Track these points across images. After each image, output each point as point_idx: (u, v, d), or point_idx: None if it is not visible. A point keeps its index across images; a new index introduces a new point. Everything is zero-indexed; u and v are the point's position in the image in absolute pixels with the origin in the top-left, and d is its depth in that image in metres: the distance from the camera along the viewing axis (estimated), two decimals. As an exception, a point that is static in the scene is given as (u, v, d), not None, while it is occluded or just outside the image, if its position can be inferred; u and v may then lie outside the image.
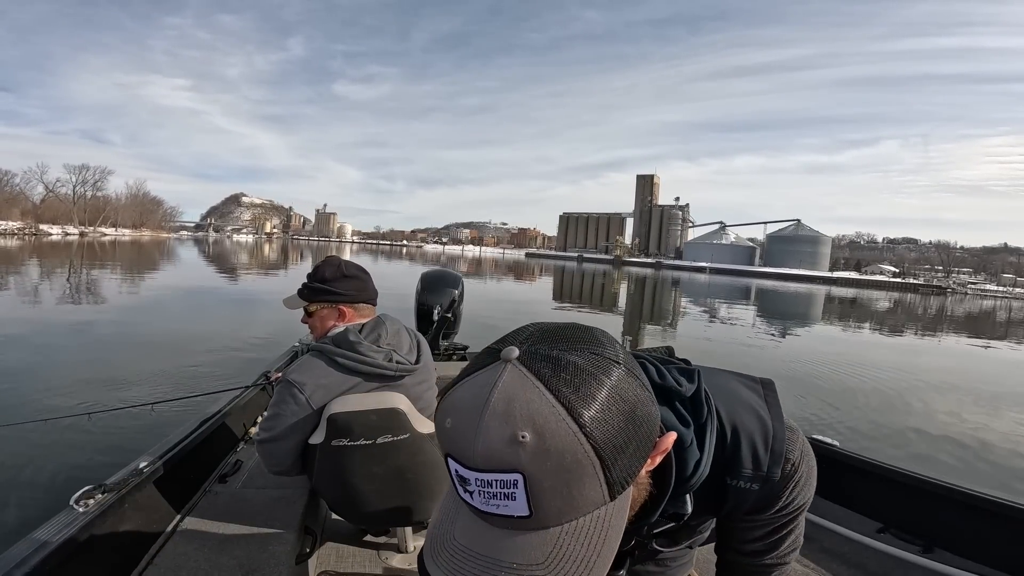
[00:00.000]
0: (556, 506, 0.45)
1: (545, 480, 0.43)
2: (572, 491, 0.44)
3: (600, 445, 0.44)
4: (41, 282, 16.37)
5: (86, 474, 3.40)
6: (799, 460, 0.73)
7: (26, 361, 6.44)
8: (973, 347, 16.47)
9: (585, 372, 0.46)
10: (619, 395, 0.46)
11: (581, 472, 0.44)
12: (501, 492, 0.44)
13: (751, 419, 0.72)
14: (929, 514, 1.92)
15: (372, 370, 1.57)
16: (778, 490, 0.72)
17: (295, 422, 1.54)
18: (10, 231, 68.79)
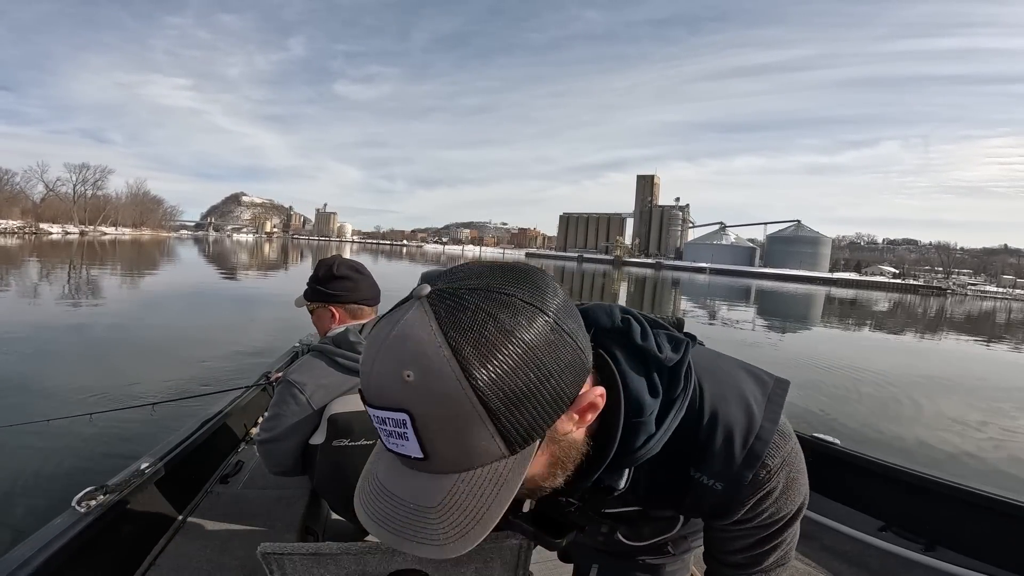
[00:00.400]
0: (448, 453, 0.44)
1: (432, 423, 0.43)
2: (462, 439, 0.43)
3: (486, 395, 0.42)
4: (41, 281, 16.36)
5: (88, 475, 3.41)
6: (777, 469, 0.63)
7: (26, 361, 6.43)
8: (973, 348, 16.48)
9: (486, 315, 0.43)
10: (523, 343, 0.43)
11: (468, 420, 0.42)
12: (394, 431, 0.45)
13: (738, 411, 0.63)
14: (931, 512, 1.92)
15: None
16: (743, 496, 0.63)
17: (296, 422, 1.54)
18: (10, 230, 68.78)
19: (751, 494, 0.63)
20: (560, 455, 0.53)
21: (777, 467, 0.63)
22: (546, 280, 0.49)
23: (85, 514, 1.46)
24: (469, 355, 0.41)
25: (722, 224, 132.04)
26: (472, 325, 0.42)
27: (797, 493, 0.66)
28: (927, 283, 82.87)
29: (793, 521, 0.68)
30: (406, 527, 0.47)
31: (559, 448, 0.52)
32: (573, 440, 0.53)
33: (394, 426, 0.45)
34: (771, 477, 0.63)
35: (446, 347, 0.42)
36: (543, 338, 0.44)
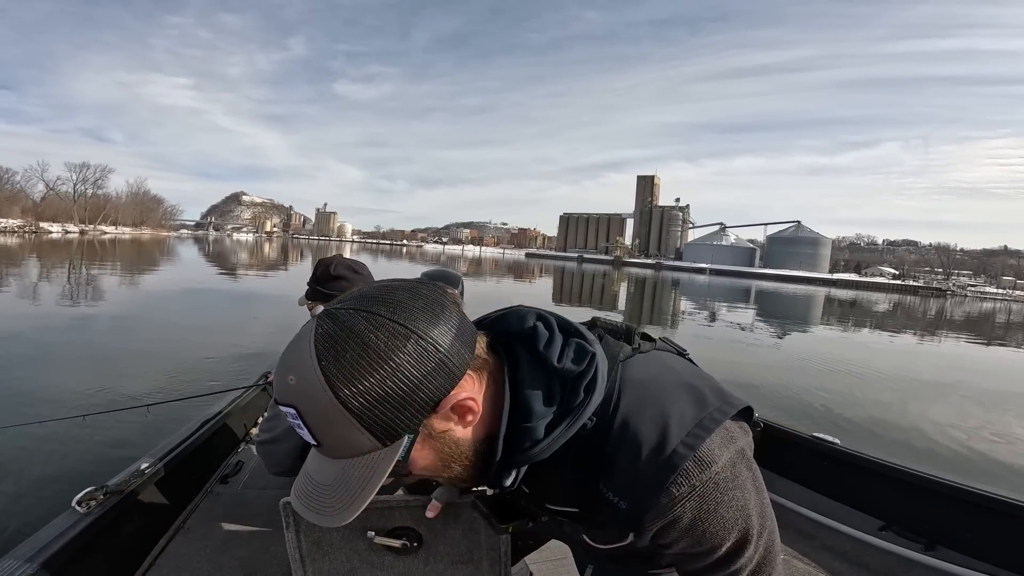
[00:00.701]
0: (332, 443, 0.54)
1: (313, 418, 0.52)
2: (337, 433, 0.52)
3: (347, 401, 0.50)
4: (41, 281, 16.36)
5: (87, 475, 3.40)
6: (683, 498, 0.58)
7: (25, 362, 6.43)
8: (972, 349, 16.48)
9: (350, 331, 0.51)
10: (380, 355, 0.50)
11: (337, 419, 0.51)
12: (294, 423, 0.54)
13: (650, 429, 0.60)
14: (931, 512, 1.92)
15: None
16: (646, 521, 0.60)
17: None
18: (10, 229, 68.78)
19: (653, 520, 0.60)
20: (445, 450, 0.59)
21: (683, 496, 0.58)
22: (420, 297, 0.55)
23: (85, 514, 1.46)
24: (331, 367, 0.50)
25: (722, 225, 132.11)
26: (337, 341, 0.50)
27: (722, 528, 0.60)
28: (927, 284, 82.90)
29: (733, 556, 0.62)
30: (310, 499, 0.57)
31: (441, 444, 0.58)
32: (456, 438, 0.59)
33: (291, 418, 0.53)
34: (675, 505, 0.58)
35: (315, 359, 0.50)
36: (402, 349, 0.51)
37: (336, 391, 0.50)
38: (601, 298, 26.16)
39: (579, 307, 19.45)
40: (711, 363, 9.48)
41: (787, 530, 2.03)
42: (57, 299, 12.15)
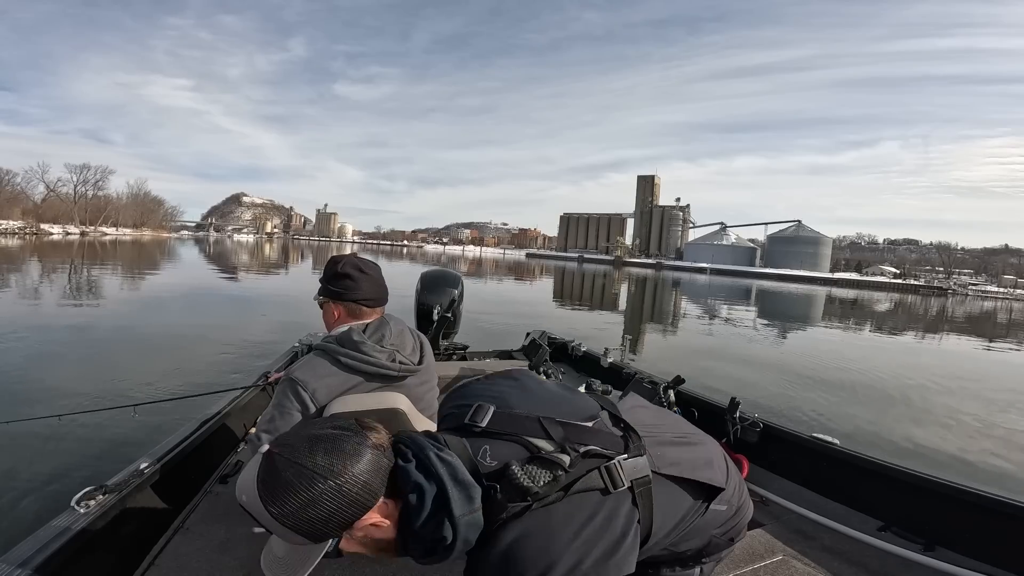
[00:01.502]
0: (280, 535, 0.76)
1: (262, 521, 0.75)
2: (279, 532, 0.75)
3: (281, 519, 0.72)
4: (42, 282, 16.37)
5: (87, 475, 3.41)
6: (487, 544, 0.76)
7: (26, 363, 6.43)
8: (974, 348, 16.45)
9: (276, 476, 0.73)
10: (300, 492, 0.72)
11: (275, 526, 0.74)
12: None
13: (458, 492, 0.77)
14: (930, 512, 1.92)
15: (375, 370, 1.57)
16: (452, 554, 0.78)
17: (296, 419, 1.53)
18: (11, 230, 68.80)
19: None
20: (370, 545, 0.80)
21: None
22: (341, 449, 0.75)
23: (84, 514, 1.46)
24: (266, 497, 0.73)
25: (723, 224, 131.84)
26: (269, 479, 0.73)
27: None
28: (928, 283, 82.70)
29: None
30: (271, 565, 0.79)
31: (364, 541, 0.80)
32: (375, 537, 0.79)
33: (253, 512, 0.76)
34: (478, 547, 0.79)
35: (256, 489, 0.74)
36: (318, 489, 0.72)
37: (271, 512, 0.72)
38: (602, 298, 26.13)
39: (579, 307, 19.43)
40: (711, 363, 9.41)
41: (786, 530, 2.02)
42: (59, 299, 12.16)
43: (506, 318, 12.33)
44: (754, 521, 2.05)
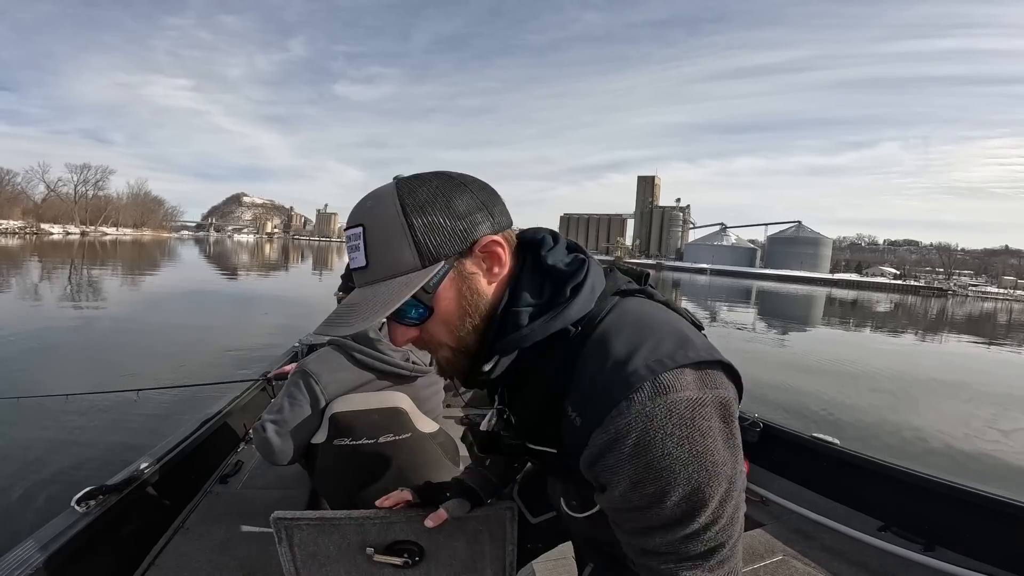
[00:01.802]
0: (380, 260, 0.61)
1: (374, 234, 0.61)
2: (389, 248, 0.61)
3: (408, 213, 0.60)
4: (42, 282, 16.37)
5: (87, 475, 3.41)
6: (632, 415, 0.56)
7: (31, 362, 6.44)
8: (974, 348, 16.45)
9: (420, 178, 0.64)
10: (441, 195, 0.62)
11: (394, 233, 0.61)
12: (353, 244, 0.63)
13: (620, 347, 0.60)
14: (930, 512, 1.92)
15: (389, 368, 1.58)
16: (594, 439, 0.59)
17: (305, 411, 1.54)
18: (11, 230, 68.83)
19: (600, 436, 0.58)
20: (467, 296, 0.64)
21: (632, 414, 0.56)
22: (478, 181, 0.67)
23: (85, 514, 1.46)
24: (404, 195, 0.61)
25: (723, 225, 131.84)
26: (412, 181, 0.63)
27: (669, 469, 0.55)
28: (928, 284, 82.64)
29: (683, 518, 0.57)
30: (334, 317, 0.64)
31: (466, 288, 0.64)
32: (479, 287, 0.65)
33: (354, 240, 0.63)
34: (620, 421, 0.56)
35: (395, 188, 0.62)
36: (458, 195, 0.63)
37: (404, 204, 0.60)
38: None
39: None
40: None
41: (786, 530, 2.02)
42: (62, 299, 12.16)
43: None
44: (754, 521, 2.05)
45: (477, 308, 0.65)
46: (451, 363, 0.69)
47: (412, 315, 0.64)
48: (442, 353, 0.68)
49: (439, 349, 0.68)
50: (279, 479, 2.08)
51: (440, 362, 0.70)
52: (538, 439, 0.71)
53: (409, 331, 0.66)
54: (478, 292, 0.65)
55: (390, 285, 0.61)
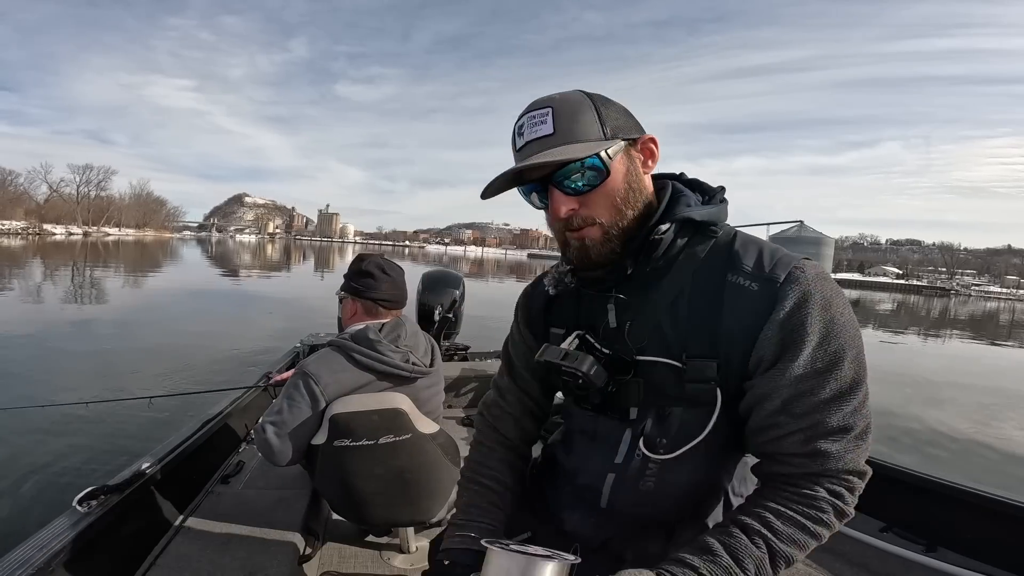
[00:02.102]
0: (567, 127, 0.68)
1: (563, 109, 0.68)
2: (578, 119, 0.68)
3: (594, 101, 0.70)
4: (44, 282, 16.42)
5: (89, 475, 3.42)
6: (813, 279, 0.66)
7: (38, 359, 6.46)
8: (976, 348, 16.39)
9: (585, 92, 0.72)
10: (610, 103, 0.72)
11: (583, 109, 0.69)
12: (539, 120, 0.68)
13: (768, 245, 0.72)
14: (933, 513, 1.91)
15: (388, 369, 1.58)
16: (781, 291, 0.66)
17: (304, 413, 1.54)
18: (14, 231, 69.03)
19: (788, 289, 0.65)
20: (633, 176, 0.72)
21: (812, 277, 0.66)
22: None
23: (86, 514, 1.47)
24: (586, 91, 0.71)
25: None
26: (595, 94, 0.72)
27: (845, 330, 0.65)
28: (931, 284, 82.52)
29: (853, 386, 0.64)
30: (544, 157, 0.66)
31: (631, 171, 0.71)
32: (640, 174, 0.73)
33: (540, 118, 0.69)
34: (805, 278, 0.66)
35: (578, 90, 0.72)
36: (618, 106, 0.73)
37: (590, 95, 0.70)
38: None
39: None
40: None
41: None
42: (65, 299, 12.20)
43: (507, 319, 12.28)
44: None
45: (640, 191, 0.72)
46: (597, 244, 0.71)
47: (582, 182, 0.68)
48: (592, 233, 0.71)
49: (590, 228, 0.71)
50: (280, 480, 2.09)
51: (585, 243, 0.72)
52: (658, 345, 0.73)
53: (570, 201, 0.69)
54: (639, 178, 0.72)
55: (576, 146, 0.67)
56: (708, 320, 0.70)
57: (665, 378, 0.72)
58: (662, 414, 0.73)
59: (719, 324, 0.69)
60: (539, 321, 0.91)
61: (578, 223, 0.70)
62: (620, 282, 0.74)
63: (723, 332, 0.68)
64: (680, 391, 0.71)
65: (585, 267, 0.74)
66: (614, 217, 0.70)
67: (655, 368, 0.72)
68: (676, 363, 0.71)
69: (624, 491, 0.80)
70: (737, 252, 0.71)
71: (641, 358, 0.73)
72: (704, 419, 0.71)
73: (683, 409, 0.72)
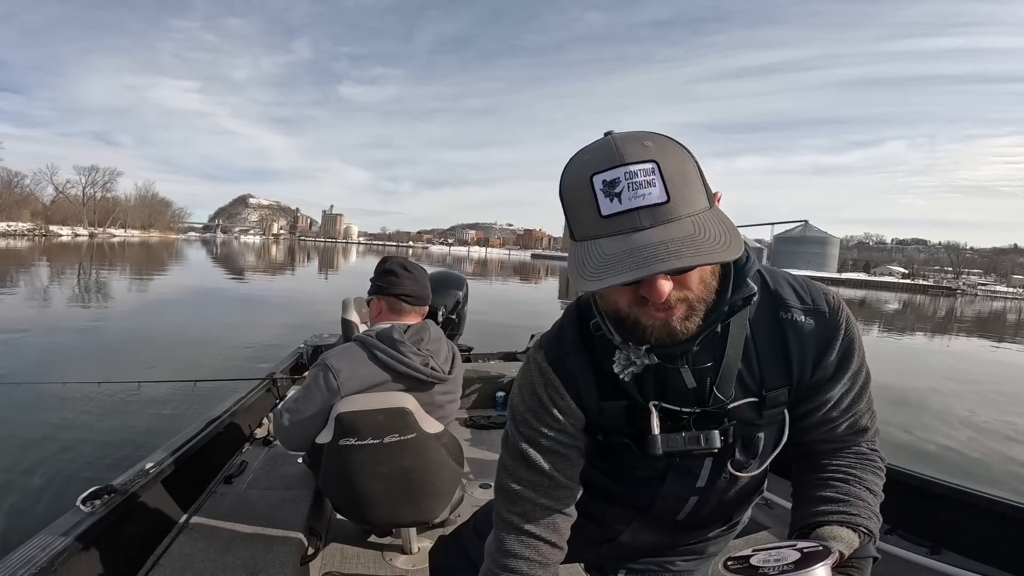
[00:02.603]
0: (683, 192, 0.57)
1: (670, 165, 0.57)
2: (689, 183, 0.58)
3: (688, 151, 0.60)
4: (51, 283, 16.52)
5: (93, 475, 3.43)
6: (839, 301, 0.76)
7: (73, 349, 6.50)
8: (982, 348, 16.29)
9: None
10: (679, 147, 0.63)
11: (688, 169, 0.59)
12: (644, 180, 0.56)
13: (792, 277, 0.79)
14: (937, 515, 1.90)
15: (407, 371, 1.60)
16: (834, 321, 0.75)
17: (322, 404, 1.57)
18: (20, 232, 69.48)
19: (837, 317, 0.75)
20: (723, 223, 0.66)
21: (838, 299, 0.76)
22: None
23: (90, 513, 1.47)
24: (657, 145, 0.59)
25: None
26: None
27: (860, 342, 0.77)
28: (937, 283, 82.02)
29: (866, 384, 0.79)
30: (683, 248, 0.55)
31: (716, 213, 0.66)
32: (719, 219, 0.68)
33: (644, 176, 0.56)
34: (840, 304, 0.76)
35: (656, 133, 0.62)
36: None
37: (685, 147, 0.61)
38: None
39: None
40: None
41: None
42: (70, 301, 12.27)
43: (511, 319, 12.32)
44: (758, 524, 2.04)
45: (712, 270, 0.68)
46: (681, 320, 0.65)
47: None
48: (679, 311, 0.64)
49: (678, 306, 0.64)
50: (283, 480, 2.09)
51: (670, 322, 0.65)
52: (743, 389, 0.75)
53: (666, 281, 0.61)
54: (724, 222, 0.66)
55: (704, 221, 0.58)
56: (778, 355, 0.76)
57: (748, 413, 0.77)
58: (747, 441, 0.79)
59: (789, 356, 0.75)
60: (591, 395, 0.78)
61: (672, 301, 0.63)
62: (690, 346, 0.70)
63: (795, 362, 0.75)
64: (759, 418, 0.77)
65: (664, 344, 0.68)
66: (701, 292, 0.65)
67: (740, 408, 0.76)
68: (756, 399, 0.76)
69: (707, 506, 0.88)
70: (776, 291, 0.76)
71: (731, 406, 0.75)
72: (778, 435, 0.81)
73: (764, 432, 0.80)
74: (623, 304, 0.66)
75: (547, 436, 0.77)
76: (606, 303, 0.70)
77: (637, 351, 0.70)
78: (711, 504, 0.87)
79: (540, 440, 0.78)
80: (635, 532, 0.94)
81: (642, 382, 0.75)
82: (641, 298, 0.63)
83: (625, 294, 0.65)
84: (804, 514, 0.74)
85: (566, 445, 0.78)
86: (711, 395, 0.74)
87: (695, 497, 0.85)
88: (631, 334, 0.69)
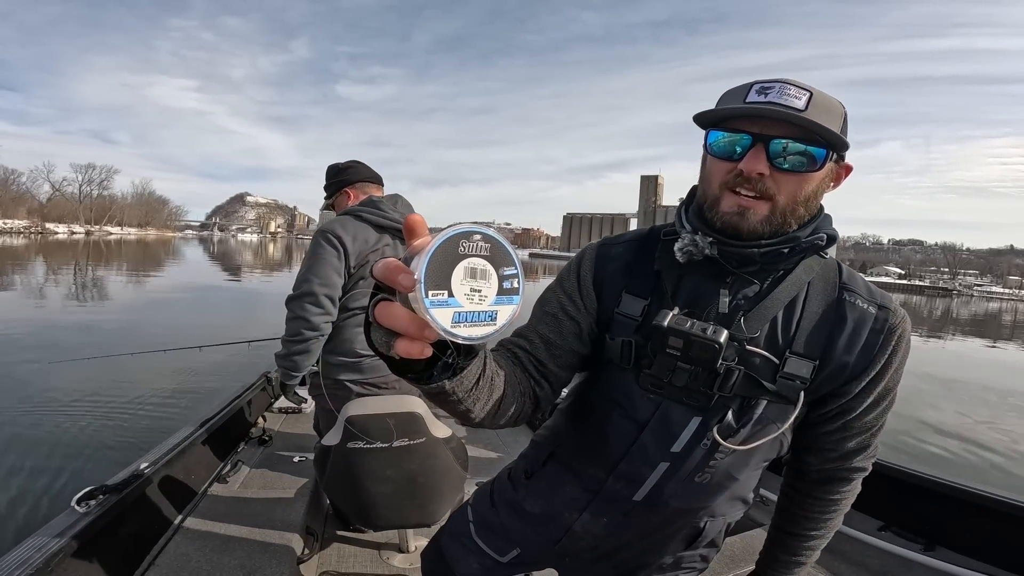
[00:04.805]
0: (819, 115, 0.65)
1: (822, 100, 0.67)
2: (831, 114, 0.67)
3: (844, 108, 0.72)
4: (48, 283, 16.45)
5: (88, 475, 3.42)
6: (901, 312, 0.77)
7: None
8: (977, 348, 16.35)
9: None
10: None
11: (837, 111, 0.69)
12: (794, 94, 0.65)
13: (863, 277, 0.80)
14: (930, 512, 1.91)
15: (392, 224, 1.75)
16: (896, 324, 0.74)
17: (334, 265, 1.66)
18: (16, 230, 69.19)
19: (899, 321, 0.75)
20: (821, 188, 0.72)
21: (901, 311, 0.77)
22: None
23: (85, 514, 1.47)
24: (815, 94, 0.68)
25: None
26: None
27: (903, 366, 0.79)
28: (933, 284, 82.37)
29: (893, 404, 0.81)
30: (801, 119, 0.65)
31: (826, 181, 0.72)
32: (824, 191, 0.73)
33: (795, 92, 0.65)
34: (905, 316, 0.77)
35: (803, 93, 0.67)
36: None
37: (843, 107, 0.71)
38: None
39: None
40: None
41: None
42: (66, 300, 12.22)
43: (508, 318, 12.26)
44: (754, 521, 2.04)
45: (816, 202, 0.72)
46: (757, 218, 0.68)
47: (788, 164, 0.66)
48: (760, 207, 0.68)
49: (763, 202, 0.68)
50: (279, 479, 2.09)
51: (746, 212, 0.68)
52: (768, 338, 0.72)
53: (767, 167, 0.66)
54: (823, 192, 0.73)
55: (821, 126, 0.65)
56: (823, 328, 0.72)
57: (762, 370, 0.71)
58: (746, 404, 0.72)
59: (834, 334, 0.73)
60: (614, 283, 0.80)
61: (759, 190, 0.67)
62: (741, 269, 0.72)
63: (840, 342, 0.73)
64: (769, 381, 0.71)
65: (729, 236, 0.70)
66: (789, 205, 0.68)
67: (755, 358, 0.71)
68: (775, 358, 0.71)
69: (674, 483, 0.78)
70: (849, 278, 0.76)
71: (750, 348, 0.71)
72: (783, 415, 0.72)
73: (768, 403, 0.72)
74: (717, 179, 0.70)
75: (557, 298, 0.83)
76: (704, 177, 0.73)
77: (704, 239, 0.71)
78: (677, 480, 0.77)
79: (551, 298, 0.84)
80: (586, 523, 0.85)
81: (677, 290, 0.75)
82: (734, 179, 0.67)
83: (723, 170, 0.69)
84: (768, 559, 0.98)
85: (567, 314, 0.80)
86: (736, 325, 0.71)
87: (665, 463, 0.76)
88: (705, 221, 0.72)
